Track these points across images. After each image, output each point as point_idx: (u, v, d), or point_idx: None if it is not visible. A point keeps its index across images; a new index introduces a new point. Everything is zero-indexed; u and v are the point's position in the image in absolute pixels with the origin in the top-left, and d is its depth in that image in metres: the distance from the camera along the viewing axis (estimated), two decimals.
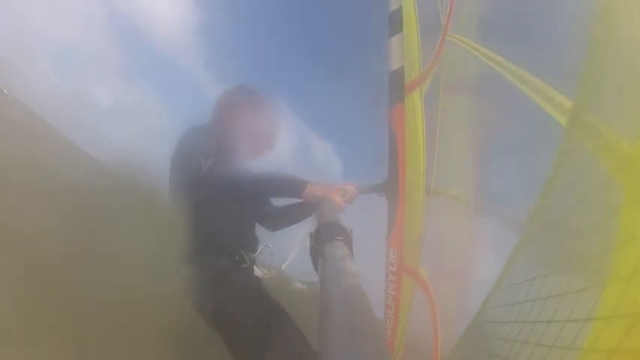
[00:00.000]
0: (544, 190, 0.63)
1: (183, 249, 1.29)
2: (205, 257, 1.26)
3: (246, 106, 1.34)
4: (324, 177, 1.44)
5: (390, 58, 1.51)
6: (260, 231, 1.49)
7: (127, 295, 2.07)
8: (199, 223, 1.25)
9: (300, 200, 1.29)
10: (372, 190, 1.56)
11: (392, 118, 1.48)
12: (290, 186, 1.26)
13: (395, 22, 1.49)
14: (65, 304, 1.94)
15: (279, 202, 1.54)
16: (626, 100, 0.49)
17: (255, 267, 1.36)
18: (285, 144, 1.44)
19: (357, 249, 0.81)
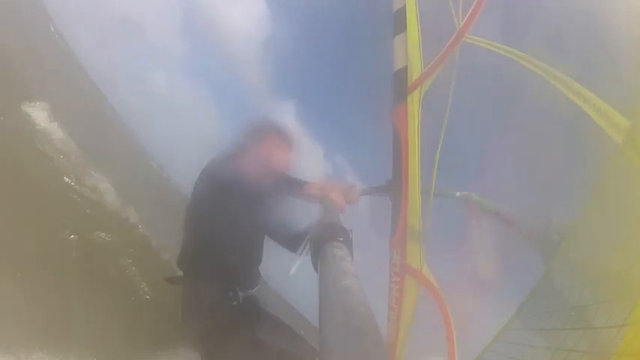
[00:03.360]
0: (590, 201, 0.61)
1: (184, 264, 1.29)
2: (200, 284, 1.24)
3: (270, 136, 1.35)
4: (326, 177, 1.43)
5: (394, 57, 1.50)
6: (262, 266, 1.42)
7: None
8: (203, 252, 1.24)
9: (303, 200, 1.30)
10: (376, 192, 1.52)
11: (395, 117, 1.46)
12: (290, 182, 1.28)
13: (399, 22, 1.47)
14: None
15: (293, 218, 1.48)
16: None
17: (248, 303, 1.30)
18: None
19: (360, 250, 0.78)
